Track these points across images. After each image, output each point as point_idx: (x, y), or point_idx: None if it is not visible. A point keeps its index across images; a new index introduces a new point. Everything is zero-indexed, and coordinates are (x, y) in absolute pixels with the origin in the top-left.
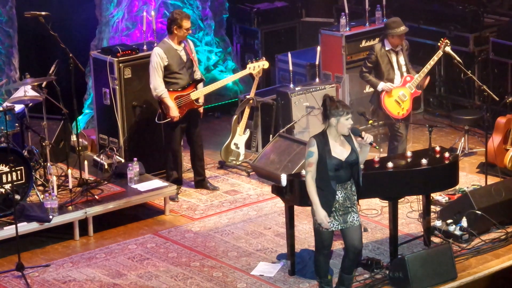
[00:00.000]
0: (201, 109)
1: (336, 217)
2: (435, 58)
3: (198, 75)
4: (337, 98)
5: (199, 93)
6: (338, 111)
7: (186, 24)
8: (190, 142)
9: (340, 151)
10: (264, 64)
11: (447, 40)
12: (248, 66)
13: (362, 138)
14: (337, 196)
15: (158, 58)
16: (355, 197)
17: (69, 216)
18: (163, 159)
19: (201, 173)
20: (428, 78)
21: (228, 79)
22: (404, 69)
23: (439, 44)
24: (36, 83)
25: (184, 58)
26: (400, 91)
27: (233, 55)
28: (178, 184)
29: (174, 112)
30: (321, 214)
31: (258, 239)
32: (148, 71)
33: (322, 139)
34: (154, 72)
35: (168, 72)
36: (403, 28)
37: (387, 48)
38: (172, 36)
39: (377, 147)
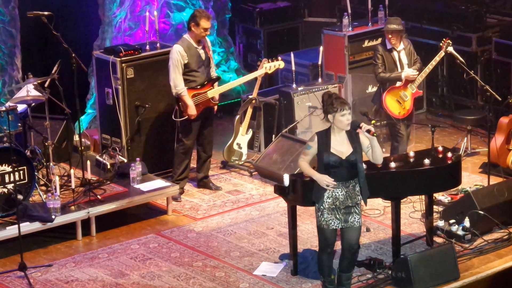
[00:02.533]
0: (215, 107)
1: (337, 215)
2: (437, 58)
3: (214, 73)
4: (339, 95)
5: (216, 91)
6: (332, 107)
7: (204, 23)
8: (199, 138)
9: (341, 148)
10: (280, 64)
11: (449, 41)
12: (264, 66)
13: (361, 128)
14: (337, 194)
15: (178, 55)
16: (359, 197)
17: (72, 216)
18: (168, 158)
19: (207, 170)
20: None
21: (244, 78)
22: (405, 68)
23: (441, 44)
24: (39, 81)
25: (203, 56)
26: (401, 91)
27: (235, 55)
28: (183, 182)
29: (192, 110)
30: (322, 178)
31: (260, 239)
32: (151, 70)
33: (324, 135)
34: (175, 69)
35: (187, 70)
36: (390, 26)
37: (388, 47)
38: (191, 34)
39: (375, 135)
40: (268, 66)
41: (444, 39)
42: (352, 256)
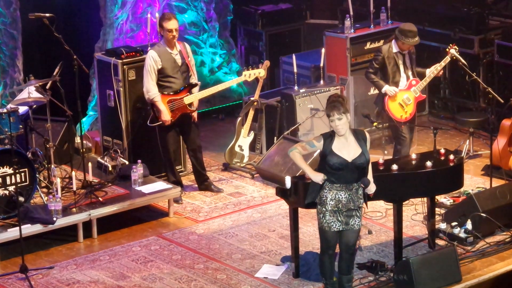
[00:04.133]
0: (194, 114)
1: (339, 217)
2: (442, 63)
3: (193, 79)
4: (342, 97)
5: (193, 97)
6: (327, 112)
7: (168, 25)
8: (186, 146)
9: (346, 151)
10: (260, 72)
11: (455, 46)
12: (243, 73)
13: (364, 188)
14: (340, 197)
15: (151, 61)
16: (361, 201)
17: (73, 218)
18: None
19: (202, 176)
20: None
21: (222, 85)
22: (410, 72)
23: (447, 50)
24: (40, 83)
25: (179, 62)
26: (404, 95)
27: (237, 57)
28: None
29: (166, 116)
30: (317, 176)
31: (262, 242)
32: None
33: (329, 137)
34: (148, 75)
35: (162, 75)
36: (417, 39)
37: (394, 50)
38: (163, 39)
39: (365, 208)
40: (247, 74)
41: (450, 44)
42: (350, 256)
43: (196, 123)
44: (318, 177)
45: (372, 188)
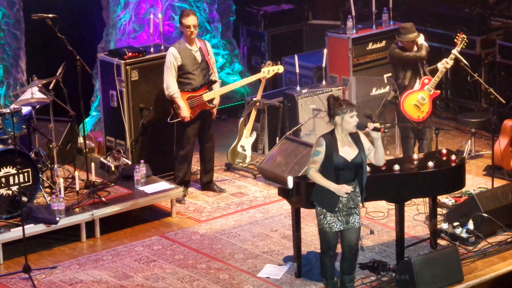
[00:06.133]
0: (214, 111)
1: (339, 217)
2: (452, 56)
3: (214, 77)
4: (343, 97)
5: (212, 94)
6: (341, 109)
7: (186, 21)
8: (201, 143)
9: (347, 151)
10: (279, 68)
11: (463, 35)
12: (262, 69)
13: (368, 128)
14: (340, 197)
15: (172, 57)
16: (359, 199)
17: (76, 218)
18: (172, 160)
19: (209, 174)
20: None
21: (241, 82)
22: (421, 71)
23: (455, 40)
24: (43, 82)
25: (199, 58)
26: (419, 95)
27: (240, 57)
28: (185, 186)
29: (185, 112)
30: (340, 188)
31: (264, 241)
32: (155, 72)
33: (330, 138)
34: (168, 71)
35: (182, 72)
36: (410, 36)
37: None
38: (183, 36)
39: (386, 131)
40: (266, 70)
41: (458, 34)
42: (353, 257)
43: (211, 121)
44: (342, 191)
45: (372, 125)
